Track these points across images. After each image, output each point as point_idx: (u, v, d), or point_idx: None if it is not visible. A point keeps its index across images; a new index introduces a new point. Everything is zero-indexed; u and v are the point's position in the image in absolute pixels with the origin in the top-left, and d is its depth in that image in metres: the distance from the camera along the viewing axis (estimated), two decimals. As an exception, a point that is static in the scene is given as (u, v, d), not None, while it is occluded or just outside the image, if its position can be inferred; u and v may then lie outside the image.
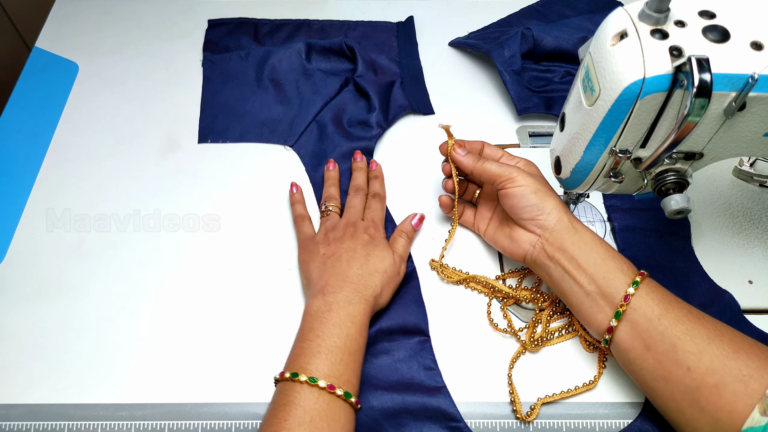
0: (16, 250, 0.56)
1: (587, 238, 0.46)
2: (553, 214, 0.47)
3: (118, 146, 0.64)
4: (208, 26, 0.73)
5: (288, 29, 0.74)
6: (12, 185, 0.60)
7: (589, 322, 0.46)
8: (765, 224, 0.56)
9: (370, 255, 0.50)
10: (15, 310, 0.52)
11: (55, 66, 0.71)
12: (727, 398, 0.38)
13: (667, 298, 0.43)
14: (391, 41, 0.73)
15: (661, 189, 0.42)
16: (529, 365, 0.49)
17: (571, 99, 0.44)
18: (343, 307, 0.46)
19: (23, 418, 0.46)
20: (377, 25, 0.75)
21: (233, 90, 0.67)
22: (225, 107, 0.66)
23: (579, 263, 0.45)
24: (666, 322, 0.42)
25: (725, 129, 0.39)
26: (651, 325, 0.42)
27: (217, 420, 0.46)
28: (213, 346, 0.50)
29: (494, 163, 0.50)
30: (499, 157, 0.53)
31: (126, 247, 0.56)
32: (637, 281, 0.43)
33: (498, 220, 0.53)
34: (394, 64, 0.70)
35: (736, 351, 0.39)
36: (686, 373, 0.40)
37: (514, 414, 0.46)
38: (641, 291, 0.43)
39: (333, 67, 0.69)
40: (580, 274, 0.45)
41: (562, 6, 0.77)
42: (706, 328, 0.41)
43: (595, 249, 0.45)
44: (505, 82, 0.65)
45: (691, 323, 0.41)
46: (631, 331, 0.43)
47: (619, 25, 0.38)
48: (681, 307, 0.43)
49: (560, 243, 0.46)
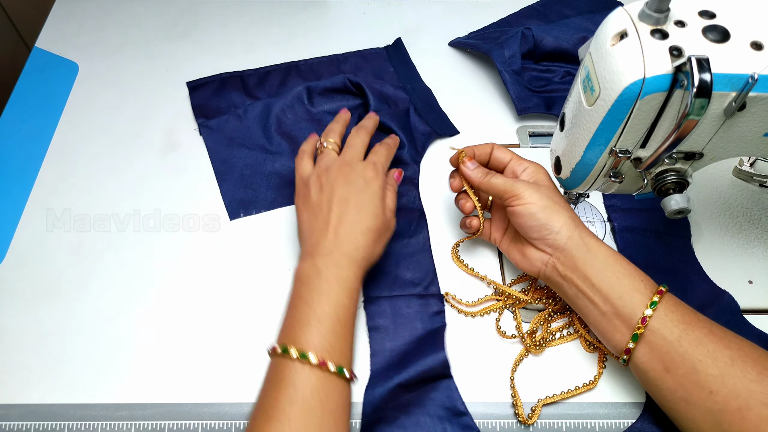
0: (16, 250, 0.56)
1: (601, 255, 0.44)
2: (563, 233, 0.45)
3: (118, 146, 0.64)
4: (189, 89, 0.67)
5: (277, 76, 0.69)
6: (12, 185, 0.60)
7: (607, 340, 0.44)
8: (765, 224, 0.56)
9: (362, 208, 0.48)
10: (15, 310, 0.52)
11: (55, 66, 0.71)
12: (751, 422, 0.37)
13: (687, 317, 0.41)
14: (386, 67, 0.70)
15: (661, 189, 0.42)
16: (529, 365, 0.49)
17: (571, 99, 0.44)
18: (333, 271, 0.45)
19: (23, 418, 0.46)
20: (367, 53, 0.72)
21: (245, 153, 0.61)
22: (243, 175, 0.60)
23: (593, 283, 0.44)
24: (686, 344, 0.40)
25: (725, 129, 0.39)
26: (671, 347, 0.40)
27: (217, 420, 0.46)
28: (213, 346, 0.50)
29: (500, 178, 0.48)
30: (508, 161, 0.50)
31: (126, 247, 0.56)
32: (655, 302, 0.41)
33: (512, 232, 0.51)
34: (400, 91, 0.67)
35: (761, 373, 0.38)
36: (708, 396, 0.39)
37: (515, 416, 0.46)
38: (659, 312, 0.41)
39: (338, 106, 0.65)
40: (595, 293, 0.44)
41: (562, 6, 0.77)
42: (729, 348, 0.39)
43: (609, 267, 0.44)
44: (505, 82, 0.65)
45: (713, 344, 0.40)
46: (649, 352, 0.41)
47: (619, 25, 0.38)
48: (702, 327, 0.41)
49: (572, 262, 0.45)
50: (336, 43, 0.74)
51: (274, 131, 0.62)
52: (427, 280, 0.53)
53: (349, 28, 0.76)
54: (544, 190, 0.47)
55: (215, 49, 0.73)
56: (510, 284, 0.53)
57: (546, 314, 0.50)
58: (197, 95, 0.66)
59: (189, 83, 0.67)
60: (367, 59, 0.71)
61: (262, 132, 0.63)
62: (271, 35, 0.75)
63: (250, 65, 0.71)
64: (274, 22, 0.76)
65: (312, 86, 0.65)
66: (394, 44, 0.72)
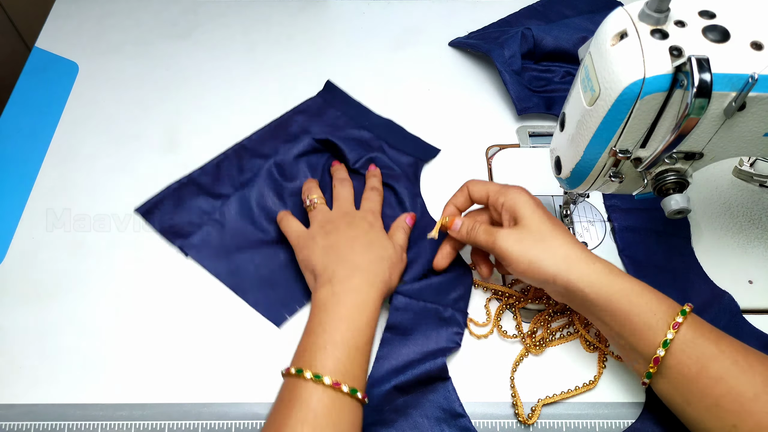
0: (16, 250, 0.56)
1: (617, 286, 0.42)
2: (559, 281, 0.43)
3: (118, 146, 0.64)
4: (143, 215, 0.57)
5: (231, 163, 0.61)
6: (12, 185, 0.60)
7: (628, 364, 0.44)
8: (765, 224, 0.56)
9: (374, 242, 0.49)
10: (15, 310, 0.52)
11: (55, 66, 0.71)
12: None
13: (707, 350, 0.39)
14: (332, 113, 0.66)
15: (661, 189, 0.42)
16: (529, 365, 0.49)
17: (571, 99, 0.44)
18: (351, 296, 0.45)
19: (23, 418, 0.46)
20: (304, 108, 0.66)
21: (248, 255, 0.55)
22: (262, 276, 0.54)
23: (603, 322, 0.43)
24: (705, 381, 0.39)
25: (725, 129, 0.39)
26: (689, 383, 0.39)
27: (217, 420, 0.46)
28: (213, 346, 0.50)
29: (482, 233, 0.46)
30: (486, 195, 0.49)
31: (126, 247, 0.56)
32: (668, 341, 0.39)
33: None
34: (363, 131, 0.63)
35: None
36: (732, 429, 0.38)
37: (515, 416, 0.46)
38: (674, 348, 0.40)
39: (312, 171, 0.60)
40: (607, 331, 0.43)
41: (562, 6, 0.77)
42: (753, 380, 0.38)
43: (617, 305, 0.41)
44: (505, 82, 0.65)
45: (733, 379, 0.38)
46: (668, 385, 0.41)
47: (619, 25, 0.38)
48: (723, 358, 0.39)
49: (580, 302, 0.44)
50: (336, 43, 0.74)
51: (264, 220, 0.56)
52: (458, 296, 0.51)
53: (349, 28, 0.76)
54: (526, 232, 0.45)
55: (215, 49, 0.73)
56: (510, 284, 0.53)
57: (546, 314, 0.50)
58: (157, 218, 0.57)
59: (139, 209, 0.57)
60: (309, 113, 0.66)
61: (253, 226, 0.56)
62: (271, 35, 0.75)
63: (250, 65, 0.71)
64: (274, 22, 0.76)
65: (279, 160, 0.60)
66: (326, 87, 0.68)
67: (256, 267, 0.54)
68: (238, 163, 0.61)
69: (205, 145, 0.63)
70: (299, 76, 0.70)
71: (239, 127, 0.65)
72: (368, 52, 0.73)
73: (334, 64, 0.71)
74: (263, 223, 0.56)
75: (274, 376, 0.48)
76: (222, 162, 0.61)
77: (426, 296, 0.50)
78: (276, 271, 0.54)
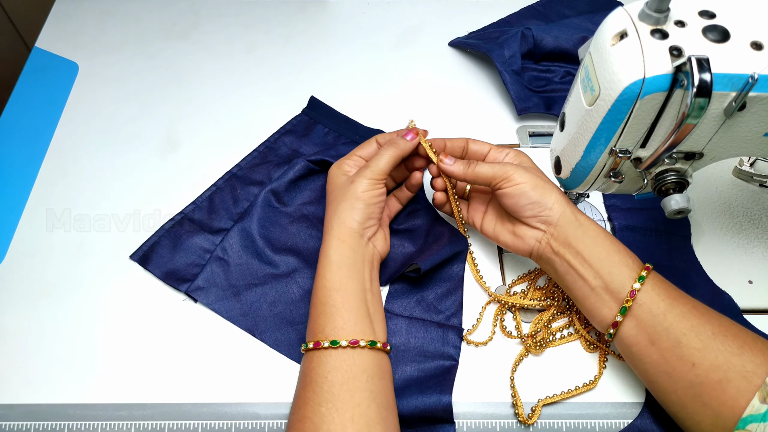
0: (16, 250, 0.56)
1: (592, 231, 0.46)
2: (556, 209, 0.46)
3: (118, 146, 0.64)
4: (139, 262, 0.54)
5: (224, 194, 0.59)
6: (12, 185, 0.60)
7: (593, 316, 0.46)
8: (765, 224, 0.56)
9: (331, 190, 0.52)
10: (15, 310, 0.52)
11: (55, 66, 0.71)
12: (730, 394, 0.39)
13: (672, 293, 0.43)
14: (320, 130, 0.64)
15: (661, 189, 0.42)
16: (529, 365, 0.49)
17: (571, 99, 0.44)
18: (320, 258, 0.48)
19: (23, 418, 0.46)
20: (291, 127, 0.65)
21: (260, 293, 0.52)
22: (278, 314, 0.51)
23: (584, 258, 0.45)
24: (671, 318, 0.42)
25: (725, 129, 0.39)
26: (656, 320, 0.42)
27: (217, 420, 0.46)
28: (212, 346, 0.50)
29: (485, 165, 0.48)
30: (487, 152, 0.51)
31: (126, 247, 0.56)
32: (643, 276, 0.43)
33: (494, 214, 0.52)
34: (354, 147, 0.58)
35: (741, 347, 0.40)
36: (690, 368, 0.40)
37: (515, 417, 0.46)
38: (647, 286, 0.43)
39: (310, 192, 0.59)
40: (585, 269, 0.45)
41: (562, 6, 0.77)
42: (711, 324, 0.41)
43: (599, 243, 0.45)
44: (505, 82, 0.65)
45: (696, 319, 0.41)
46: (636, 326, 0.43)
47: (619, 25, 0.38)
48: (686, 302, 0.43)
49: (565, 238, 0.46)
50: (336, 43, 0.74)
51: (270, 252, 0.54)
52: (451, 311, 0.51)
53: (349, 28, 0.76)
54: (532, 171, 0.48)
55: (215, 49, 0.73)
56: (510, 286, 0.53)
57: (548, 315, 0.50)
58: (156, 264, 0.54)
59: (133, 256, 0.55)
60: (297, 133, 0.64)
61: (258, 260, 0.54)
62: (271, 35, 0.75)
63: (250, 65, 0.71)
64: (274, 22, 0.77)
65: (274, 187, 0.57)
66: (310, 104, 0.66)
67: (270, 305, 0.52)
68: (232, 194, 0.59)
69: (205, 145, 0.63)
70: (299, 76, 0.70)
71: (239, 127, 0.65)
72: (368, 52, 0.73)
73: (334, 64, 0.71)
74: (269, 255, 0.54)
75: (275, 376, 0.48)
76: (214, 194, 0.59)
77: (418, 313, 0.51)
78: (291, 307, 0.52)
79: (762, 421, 0.37)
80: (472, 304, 0.52)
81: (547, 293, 0.51)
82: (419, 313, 0.51)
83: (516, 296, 0.51)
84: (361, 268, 0.47)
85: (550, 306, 0.51)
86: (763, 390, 0.38)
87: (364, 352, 0.43)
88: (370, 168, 0.49)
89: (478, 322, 0.51)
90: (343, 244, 0.47)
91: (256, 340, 0.50)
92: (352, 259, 0.47)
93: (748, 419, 0.37)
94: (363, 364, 0.43)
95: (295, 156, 0.62)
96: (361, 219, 0.48)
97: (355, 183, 0.49)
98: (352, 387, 0.42)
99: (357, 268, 0.47)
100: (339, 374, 0.42)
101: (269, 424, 0.46)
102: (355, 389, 0.41)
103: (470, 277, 0.54)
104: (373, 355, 0.44)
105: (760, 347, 0.40)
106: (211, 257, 0.54)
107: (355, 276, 0.47)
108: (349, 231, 0.48)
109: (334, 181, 0.51)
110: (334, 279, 0.46)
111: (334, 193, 0.51)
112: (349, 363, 0.42)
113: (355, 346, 0.43)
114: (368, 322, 0.45)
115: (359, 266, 0.47)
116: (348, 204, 0.48)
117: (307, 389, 0.42)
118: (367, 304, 0.46)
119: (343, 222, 0.48)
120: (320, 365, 0.43)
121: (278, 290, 0.52)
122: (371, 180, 0.49)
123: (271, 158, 0.62)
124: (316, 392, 0.42)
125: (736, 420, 0.38)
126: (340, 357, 0.43)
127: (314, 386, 0.42)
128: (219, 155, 0.62)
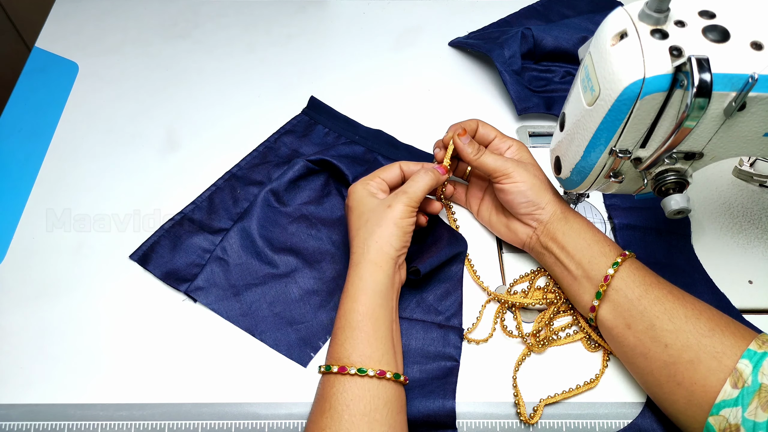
0: (16, 250, 0.56)
1: (576, 225, 0.48)
2: (548, 209, 0.49)
3: (118, 146, 0.64)
4: (138, 260, 0.54)
5: (224, 194, 0.59)
6: (12, 185, 0.60)
7: (577, 302, 0.48)
8: (765, 224, 0.56)
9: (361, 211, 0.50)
10: (15, 310, 0.52)
11: (55, 66, 0.71)
12: (701, 373, 0.40)
13: (649, 279, 0.45)
14: (320, 130, 0.64)
15: (661, 189, 0.42)
16: (531, 365, 0.49)
17: (571, 99, 0.44)
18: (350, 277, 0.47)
19: (23, 418, 0.46)
20: (290, 127, 0.65)
21: (260, 293, 0.52)
22: (277, 314, 0.51)
23: (568, 251, 0.48)
24: (645, 302, 0.43)
25: (725, 129, 0.39)
26: (631, 305, 0.44)
27: (217, 420, 0.46)
28: (212, 346, 0.50)
29: (490, 157, 0.50)
30: (493, 138, 0.53)
31: (126, 247, 0.56)
32: (618, 262, 0.45)
33: (491, 204, 0.55)
34: (355, 146, 0.62)
35: (712, 329, 0.41)
36: (663, 349, 0.42)
37: (517, 416, 0.46)
38: (621, 273, 0.45)
39: (310, 192, 0.58)
40: (569, 260, 0.48)
41: (562, 6, 0.77)
42: (684, 307, 0.43)
43: (582, 235, 0.48)
44: (505, 82, 0.65)
45: (670, 303, 0.43)
46: (613, 310, 0.45)
47: (619, 25, 0.38)
48: (662, 288, 0.44)
49: (552, 234, 0.49)
50: (336, 43, 0.74)
51: (269, 252, 0.54)
52: (451, 311, 0.51)
53: (349, 28, 0.76)
54: (530, 169, 0.50)
55: (215, 49, 0.73)
56: (510, 285, 0.53)
57: (549, 313, 0.50)
58: (156, 264, 0.54)
59: (133, 256, 0.54)
60: (297, 133, 0.64)
61: (258, 260, 0.54)
62: (271, 35, 0.75)
63: (250, 65, 0.71)
64: (274, 22, 0.77)
65: (274, 187, 0.57)
66: (310, 104, 0.66)
67: (270, 305, 0.52)
68: (232, 194, 0.59)
69: (205, 145, 0.63)
70: (299, 77, 0.70)
71: (239, 127, 0.65)
72: (368, 52, 0.73)
73: (334, 64, 0.72)
74: (268, 255, 0.54)
75: (275, 376, 0.48)
76: (214, 194, 0.59)
77: (418, 314, 0.51)
78: (292, 307, 0.52)
79: (734, 406, 0.38)
80: (471, 304, 0.52)
81: (548, 293, 0.51)
82: (419, 314, 0.51)
83: (517, 295, 0.51)
84: (392, 296, 0.47)
85: (551, 305, 0.51)
86: (734, 376, 0.39)
87: (388, 385, 0.43)
88: (408, 195, 0.48)
89: (478, 321, 0.51)
90: (379, 270, 0.46)
91: (256, 340, 0.50)
92: (386, 286, 0.46)
93: (722, 404, 0.39)
94: (386, 396, 0.42)
95: (295, 156, 0.62)
96: (398, 246, 0.47)
97: (393, 208, 0.48)
98: (372, 420, 0.41)
99: (389, 296, 0.46)
100: (362, 404, 0.41)
101: (269, 424, 0.46)
102: (375, 422, 0.41)
103: (469, 277, 0.54)
104: (395, 388, 0.43)
105: (732, 330, 0.41)
106: (211, 257, 0.54)
107: (387, 304, 0.46)
108: (386, 257, 0.47)
109: (363, 201, 0.49)
110: (368, 304, 0.45)
111: (366, 215, 0.48)
112: (373, 394, 0.42)
113: (381, 377, 0.42)
114: (393, 354, 0.44)
115: (390, 294, 0.47)
116: (387, 230, 0.47)
117: (325, 416, 0.41)
118: (392, 334, 0.45)
119: (381, 248, 0.47)
120: (343, 392, 0.42)
121: (278, 290, 0.52)
122: (408, 207, 0.48)
123: (270, 158, 0.62)
124: (335, 420, 0.41)
125: (709, 400, 0.39)
126: (365, 386, 0.42)
127: (333, 413, 0.41)
128: (219, 155, 0.62)
